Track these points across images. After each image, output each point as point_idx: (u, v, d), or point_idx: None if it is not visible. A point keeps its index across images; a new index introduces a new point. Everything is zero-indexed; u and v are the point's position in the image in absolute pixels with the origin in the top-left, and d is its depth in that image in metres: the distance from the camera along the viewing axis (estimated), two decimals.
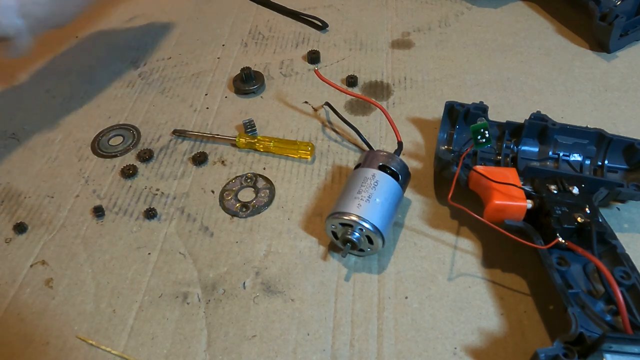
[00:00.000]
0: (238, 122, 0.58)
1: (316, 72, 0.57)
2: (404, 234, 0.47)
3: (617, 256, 0.40)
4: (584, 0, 0.64)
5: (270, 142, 0.54)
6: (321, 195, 0.50)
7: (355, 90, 0.62)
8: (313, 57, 0.65)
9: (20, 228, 0.49)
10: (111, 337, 0.41)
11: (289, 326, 0.41)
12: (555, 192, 0.43)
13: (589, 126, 0.49)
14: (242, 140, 0.55)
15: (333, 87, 0.56)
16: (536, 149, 0.50)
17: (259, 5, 0.77)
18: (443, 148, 0.51)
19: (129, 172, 0.53)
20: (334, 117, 0.58)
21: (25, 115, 0.61)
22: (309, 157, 0.54)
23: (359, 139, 0.54)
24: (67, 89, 0.65)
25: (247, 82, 0.61)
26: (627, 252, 0.40)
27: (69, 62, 0.69)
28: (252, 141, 0.54)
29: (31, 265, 0.46)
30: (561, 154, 0.49)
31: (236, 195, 0.51)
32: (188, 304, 0.43)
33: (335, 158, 0.54)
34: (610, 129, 0.52)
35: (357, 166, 0.46)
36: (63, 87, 0.65)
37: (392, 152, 0.48)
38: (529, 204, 0.42)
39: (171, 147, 0.56)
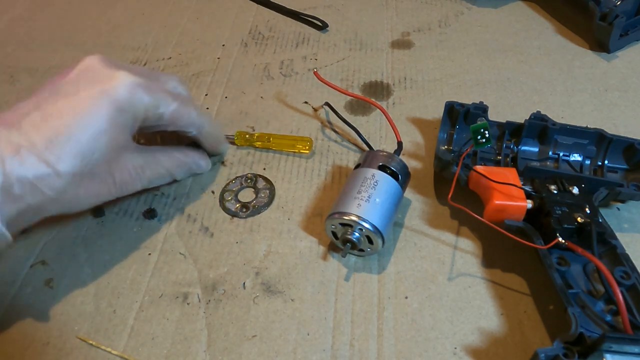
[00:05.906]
0: (238, 122, 0.58)
1: (315, 73, 0.56)
2: (404, 234, 0.47)
3: (617, 256, 0.40)
4: (584, 0, 0.64)
5: (269, 137, 0.54)
6: (321, 195, 0.50)
7: (355, 90, 0.62)
8: None
9: None
10: (111, 337, 0.41)
11: (289, 326, 0.41)
12: (555, 192, 0.43)
13: (589, 126, 0.49)
14: (240, 136, 0.55)
15: (333, 88, 0.56)
16: (536, 149, 0.50)
17: (259, 5, 0.77)
18: (443, 148, 0.51)
19: None
20: (334, 117, 0.58)
21: None
22: (307, 151, 0.54)
23: (359, 139, 0.54)
24: None
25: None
26: (627, 252, 0.40)
27: (69, 62, 0.69)
28: (250, 136, 0.54)
29: (31, 265, 0.46)
30: (561, 154, 0.49)
31: (236, 195, 0.51)
32: (188, 304, 0.43)
33: (335, 158, 0.54)
34: (610, 129, 0.52)
35: (357, 166, 0.46)
36: None
37: (392, 152, 0.48)
38: (529, 204, 0.42)
39: None
